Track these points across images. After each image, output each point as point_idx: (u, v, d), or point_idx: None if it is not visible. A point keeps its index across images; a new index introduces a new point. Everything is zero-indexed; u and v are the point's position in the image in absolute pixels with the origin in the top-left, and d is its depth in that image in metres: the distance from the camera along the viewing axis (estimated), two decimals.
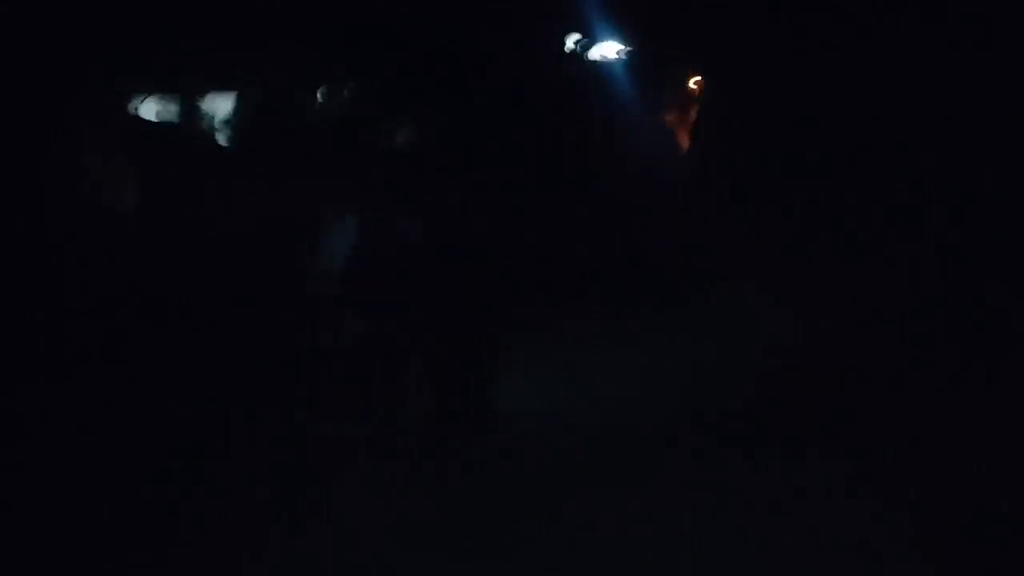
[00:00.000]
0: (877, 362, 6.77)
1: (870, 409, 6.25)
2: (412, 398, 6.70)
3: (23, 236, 7.25)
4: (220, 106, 9.31)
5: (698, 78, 9.38)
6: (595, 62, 9.54)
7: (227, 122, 9.62)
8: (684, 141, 9.55)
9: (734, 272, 8.40)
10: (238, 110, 9.48)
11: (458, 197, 7.90)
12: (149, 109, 9.17)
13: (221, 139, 9.46)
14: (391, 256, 7.30)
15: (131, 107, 8.99)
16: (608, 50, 9.57)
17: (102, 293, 7.40)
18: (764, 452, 5.86)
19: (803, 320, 7.55)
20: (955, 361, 6.52)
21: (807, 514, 5.14)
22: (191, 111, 9.28)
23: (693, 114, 9.49)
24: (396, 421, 6.56)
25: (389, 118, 9.24)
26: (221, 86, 9.30)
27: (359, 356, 6.96)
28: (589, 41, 9.56)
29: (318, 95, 9.37)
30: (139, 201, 8.37)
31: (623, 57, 9.51)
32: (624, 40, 9.51)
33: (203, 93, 9.30)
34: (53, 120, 7.95)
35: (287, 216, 8.15)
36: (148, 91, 9.10)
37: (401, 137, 9.18)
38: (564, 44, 9.64)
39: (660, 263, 8.72)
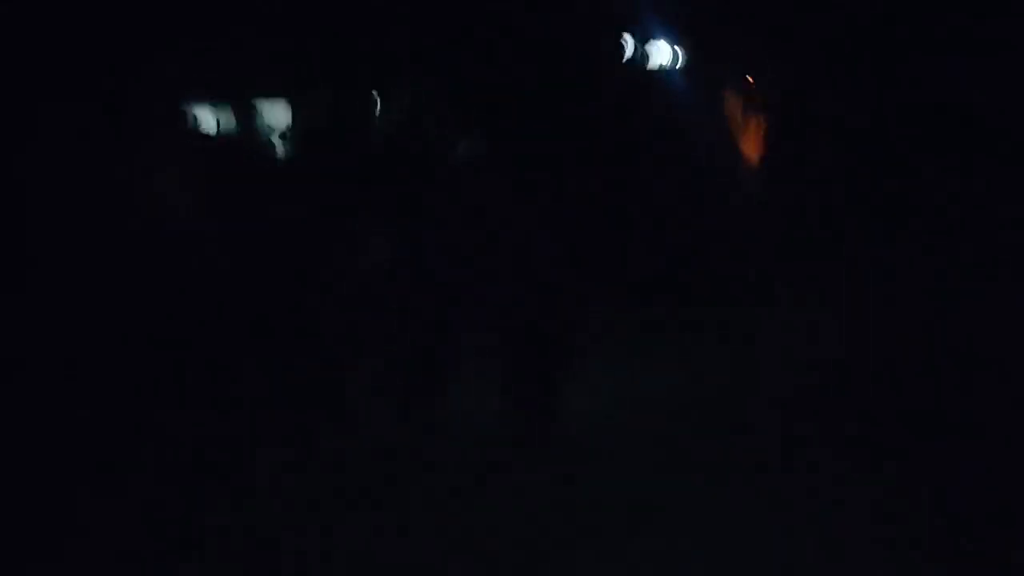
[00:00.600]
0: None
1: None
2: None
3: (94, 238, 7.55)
4: (277, 115, 9.54)
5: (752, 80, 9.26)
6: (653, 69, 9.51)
7: (292, 132, 9.86)
8: (749, 146, 9.42)
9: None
10: (297, 119, 9.69)
11: (526, 202, 7.95)
12: (206, 119, 9.45)
13: (284, 148, 9.69)
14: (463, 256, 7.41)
15: (188, 118, 9.28)
16: (665, 55, 9.52)
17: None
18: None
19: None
20: None
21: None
22: (248, 120, 9.51)
23: (756, 117, 9.37)
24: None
25: (453, 124, 9.34)
26: (277, 96, 9.52)
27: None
28: (647, 47, 9.52)
29: (377, 102, 9.50)
30: (199, 204, 8.61)
31: (681, 62, 9.46)
32: (682, 44, 9.46)
33: (259, 102, 9.52)
34: (117, 130, 8.23)
35: (355, 221, 8.30)
36: (204, 100, 9.38)
37: (464, 144, 9.28)
38: (622, 50, 9.61)
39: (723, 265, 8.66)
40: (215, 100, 9.42)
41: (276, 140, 9.51)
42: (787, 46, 8.54)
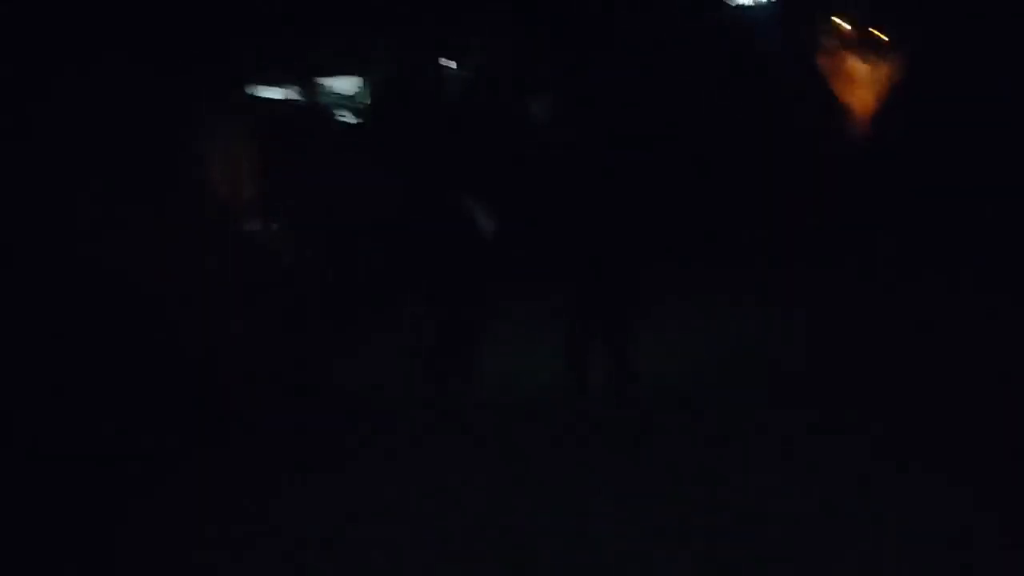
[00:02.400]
0: None
1: None
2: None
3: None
4: (347, 87, 9.31)
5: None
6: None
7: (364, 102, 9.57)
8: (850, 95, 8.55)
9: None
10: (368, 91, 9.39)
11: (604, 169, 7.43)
12: (274, 92, 9.18)
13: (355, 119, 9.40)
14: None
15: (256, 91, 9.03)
16: None
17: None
18: None
19: None
20: None
21: None
22: (316, 93, 9.25)
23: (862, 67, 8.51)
24: None
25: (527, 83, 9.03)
26: (346, 69, 9.25)
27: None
28: None
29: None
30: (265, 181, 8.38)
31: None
32: None
33: (327, 76, 9.27)
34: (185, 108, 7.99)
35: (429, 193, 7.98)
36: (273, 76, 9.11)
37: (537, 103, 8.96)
38: None
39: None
40: (285, 79, 9.28)
41: (349, 112, 9.43)
42: None
